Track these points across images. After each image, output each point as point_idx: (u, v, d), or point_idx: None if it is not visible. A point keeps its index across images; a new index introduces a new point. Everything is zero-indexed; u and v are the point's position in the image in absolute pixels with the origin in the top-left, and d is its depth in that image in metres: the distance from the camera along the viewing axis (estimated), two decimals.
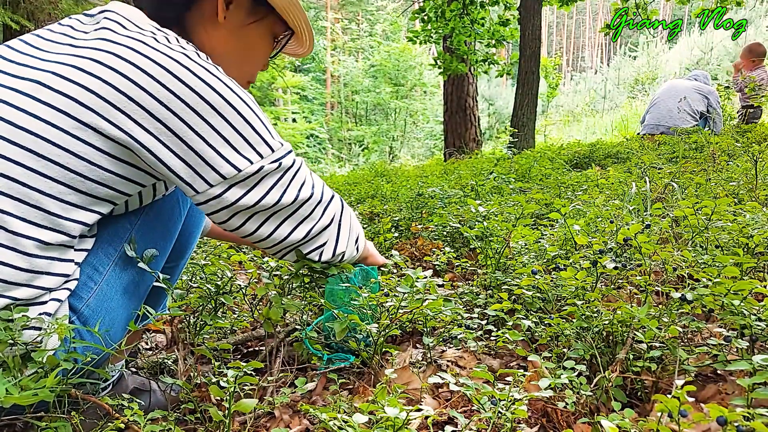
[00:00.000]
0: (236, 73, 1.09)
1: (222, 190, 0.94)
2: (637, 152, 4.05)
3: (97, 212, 0.94)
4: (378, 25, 28.09)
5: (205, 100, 0.91)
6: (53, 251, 0.89)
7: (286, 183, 1.00)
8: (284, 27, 1.14)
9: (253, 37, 1.12)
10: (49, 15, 6.73)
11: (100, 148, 0.89)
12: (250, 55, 1.14)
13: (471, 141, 8.45)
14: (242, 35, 1.10)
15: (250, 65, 1.15)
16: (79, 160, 0.88)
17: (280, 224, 1.02)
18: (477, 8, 6.93)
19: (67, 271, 0.92)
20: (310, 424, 1.05)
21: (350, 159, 20.66)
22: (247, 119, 0.95)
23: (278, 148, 0.99)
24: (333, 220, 1.09)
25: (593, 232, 1.72)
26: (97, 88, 0.87)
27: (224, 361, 1.34)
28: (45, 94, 0.87)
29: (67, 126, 0.87)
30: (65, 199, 0.89)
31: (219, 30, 1.08)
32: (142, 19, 0.98)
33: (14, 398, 0.73)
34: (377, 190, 3.73)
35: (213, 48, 1.08)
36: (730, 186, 2.27)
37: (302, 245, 1.07)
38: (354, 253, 1.17)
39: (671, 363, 1.06)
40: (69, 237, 0.91)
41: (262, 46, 1.15)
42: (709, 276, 1.15)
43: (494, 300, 1.46)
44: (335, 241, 1.11)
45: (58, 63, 0.89)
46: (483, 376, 0.90)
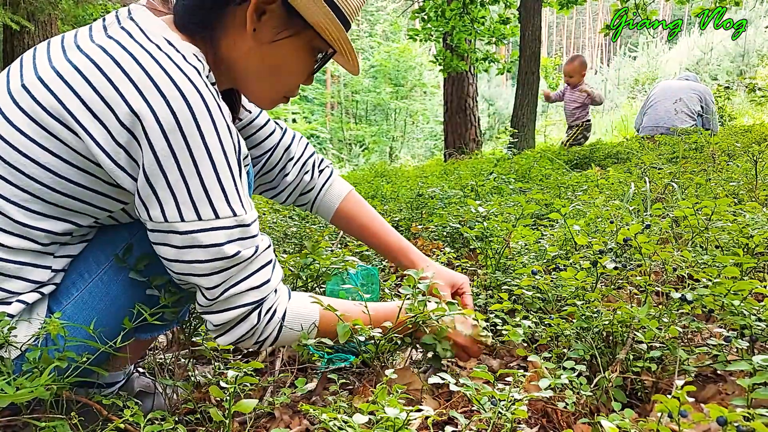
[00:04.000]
0: (266, 88, 1.04)
1: (159, 229, 0.88)
2: (637, 152, 4.05)
3: (72, 222, 0.91)
4: (378, 25, 28.08)
5: (181, 134, 0.82)
6: (21, 256, 0.88)
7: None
8: (324, 43, 1.01)
9: (287, 52, 0.99)
10: (49, 16, 6.73)
11: (67, 159, 0.85)
12: (283, 70, 1.02)
13: (471, 141, 8.44)
14: (273, 49, 0.98)
15: (283, 80, 1.04)
16: (44, 170, 0.85)
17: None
18: (477, 7, 6.92)
19: (41, 277, 0.90)
20: (310, 424, 1.05)
21: (350, 159, 20.66)
22: (219, 174, 0.86)
23: (241, 214, 0.89)
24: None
25: (593, 232, 1.72)
26: (66, 98, 0.82)
27: (224, 362, 1.34)
28: (24, 99, 0.84)
29: (35, 135, 0.84)
30: (30, 207, 0.87)
31: (247, 41, 0.96)
32: (157, 30, 0.89)
33: (10, 396, 0.73)
34: (377, 191, 3.73)
35: (235, 60, 0.99)
36: (730, 186, 2.27)
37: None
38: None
39: (671, 363, 1.06)
40: (37, 244, 0.89)
41: (299, 61, 1.02)
42: (709, 276, 1.15)
43: (494, 300, 1.46)
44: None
45: (49, 68, 0.85)
46: (483, 376, 0.90)
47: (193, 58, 0.88)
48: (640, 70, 18.77)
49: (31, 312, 0.91)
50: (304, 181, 1.31)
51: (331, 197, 1.32)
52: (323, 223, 2.72)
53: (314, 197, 1.32)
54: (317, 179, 1.32)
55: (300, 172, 1.31)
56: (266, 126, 1.27)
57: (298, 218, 2.81)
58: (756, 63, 15.18)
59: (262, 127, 1.26)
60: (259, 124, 1.26)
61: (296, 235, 2.46)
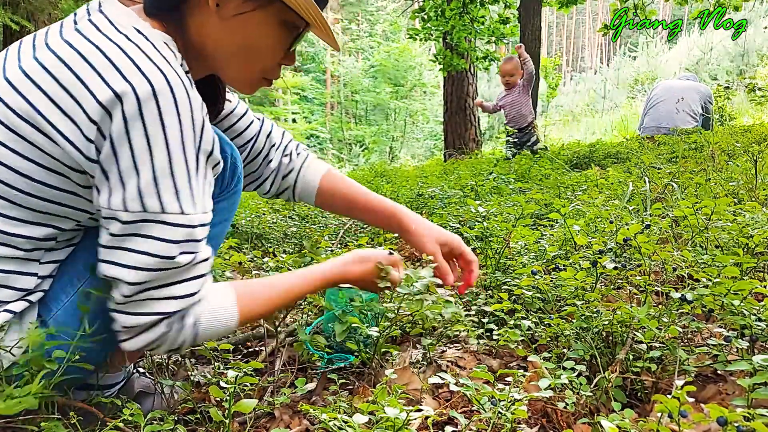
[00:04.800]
0: (241, 69, 0.99)
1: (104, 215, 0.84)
2: (637, 152, 4.05)
3: (53, 227, 0.89)
4: (378, 25, 28.10)
5: (141, 122, 0.80)
6: (5, 264, 0.86)
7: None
8: (295, 15, 0.95)
9: (255, 27, 0.94)
10: (49, 15, 6.73)
11: (41, 163, 0.83)
12: (255, 48, 0.97)
13: (471, 141, 8.44)
14: (240, 25, 0.93)
15: (257, 59, 0.98)
16: (19, 175, 0.83)
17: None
18: (477, 6, 6.92)
19: (27, 285, 0.88)
20: (310, 424, 1.05)
21: (350, 159, 20.65)
22: (173, 167, 0.83)
23: (189, 213, 0.85)
24: None
25: (593, 232, 1.72)
26: (34, 98, 0.80)
27: (224, 362, 1.34)
28: None
29: (7, 139, 0.81)
30: (7, 214, 0.84)
31: (213, 20, 0.92)
32: (126, 20, 0.86)
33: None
34: (377, 191, 3.73)
35: (204, 42, 0.94)
36: (730, 186, 2.27)
37: None
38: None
39: (671, 363, 1.06)
40: (20, 251, 0.87)
41: (269, 37, 0.96)
42: (709, 276, 1.15)
43: (494, 300, 1.46)
44: None
45: (17, 69, 0.82)
46: (483, 376, 0.90)
47: (163, 46, 0.86)
48: (639, 70, 18.80)
49: (21, 320, 0.88)
50: (283, 163, 1.30)
51: (311, 175, 1.30)
52: (323, 223, 2.72)
53: (294, 178, 1.30)
54: (296, 160, 1.31)
55: (281, 157, 1.30)
56: (246, 115, 1.25)
57: (297, 218, 2.81)
58: (756, 63, 15.19)
59: (242, 116, 1.24)
60: (239, 114, 1.24)
61: (296, 235, 2.46)
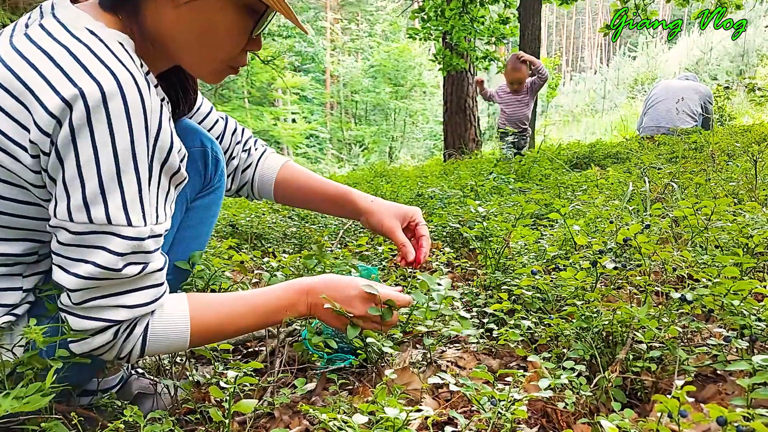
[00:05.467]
0: (202, 57, 0.94)
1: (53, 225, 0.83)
2: (637, 152, 4.05)
3: (32, 240, 0.88)
4: (378, 25, 28.10)
5: (89, 128, 0.77)
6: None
7: None
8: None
9: (210, 13, 0.89)
10: None
11: (5, 179, 0.81)
12: (213, 34, 0.91)
13: (471, 141, 8.44)
14: (196, 11, 0.89)
15: (218, 46, 0.93)
16: None
17: None
18: (477, 6, 6.92)
19: (13, 300, 0.88)
20: (310, 424, 1.05)
21: (350, 159, 20.65)
22: (121, 176, 0.80)
23: (138, 225, 0.82)
24: None
25: (593, 232, 1.72)
26: None
27: (224, 362, 1.34)
28: None
29: None
30: None
31: (167, 6, 0.88)
32: (78, 22, 0.83)
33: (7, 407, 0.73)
34: (377, 191, 3.73)
35: (162, 31, 0.90)
36: (730, 186, 2.27)
37: None
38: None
39: (671, 363, 1.06)
40: (2, 267, 0.86)
41: (228, 22, 0.91)
42: (708, 276, 1.15)
43: (494, 300, 1.46)
44: None
45: None
46: (483, 376, 0.90)
47: (117, 46, 0.83)
48: (639, 70, 18.82)
49: (12, 334, 0.88)
50: (242, 158, 1.30)
51: (268, 168, 1.29)
52: (322, 223, 2.72)
53: (252, 173, 1.29)
54: (254, 154, 1.31)
55: (240, 152, 1.30)
56: (211, 113, 1.24)
57: (297, 218, 2.81)
58: (756, 63, 15.20)
59: (208, 114, 1.24)
60: (205, 112, 1.23)
61: (296, 235, 2.46)
